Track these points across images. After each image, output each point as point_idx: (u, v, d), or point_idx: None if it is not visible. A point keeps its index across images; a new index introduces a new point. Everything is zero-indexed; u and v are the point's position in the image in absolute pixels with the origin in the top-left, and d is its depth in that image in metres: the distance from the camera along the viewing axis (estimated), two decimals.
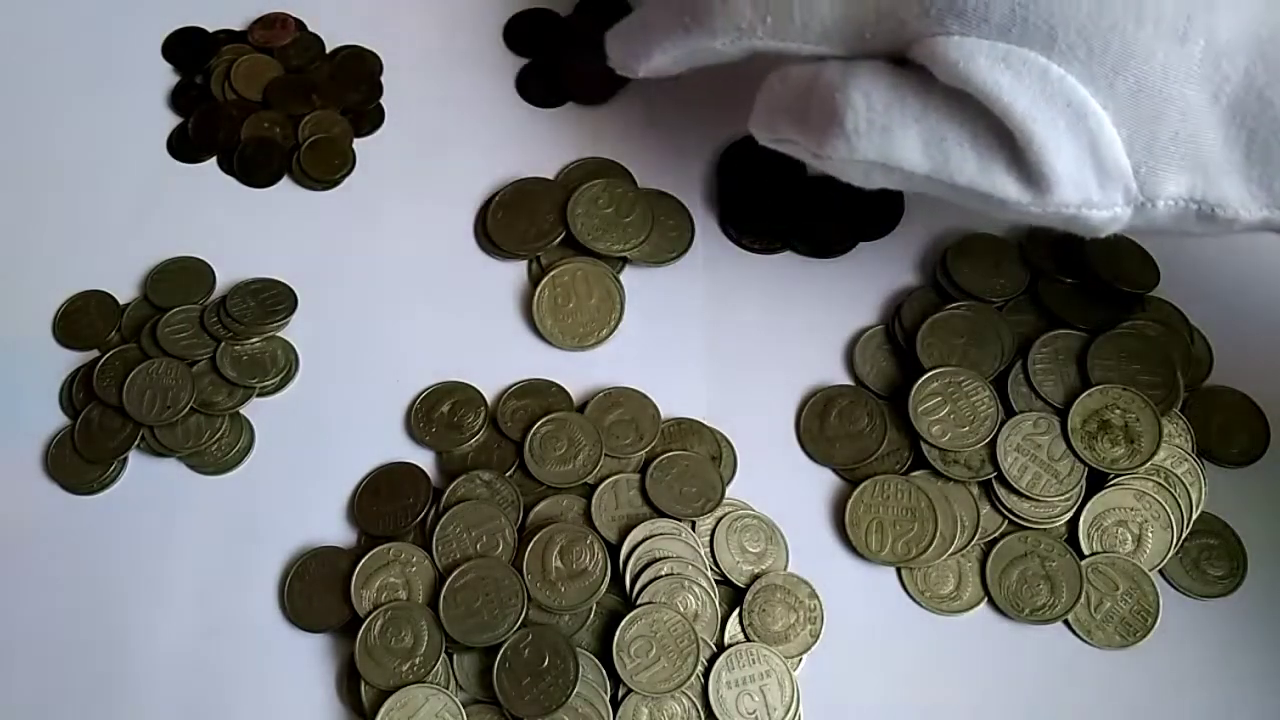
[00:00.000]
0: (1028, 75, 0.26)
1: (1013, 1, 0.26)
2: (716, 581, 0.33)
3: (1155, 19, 0.26)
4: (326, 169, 0.40)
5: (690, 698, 0.31)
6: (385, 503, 0.34)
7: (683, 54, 0.33)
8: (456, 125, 0.41)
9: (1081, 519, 0.33)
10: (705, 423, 0.35)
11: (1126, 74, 0.26)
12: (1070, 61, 0.26)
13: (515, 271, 0.38)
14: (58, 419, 0.36)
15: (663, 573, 0.32)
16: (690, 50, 0.32)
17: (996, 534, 0.33)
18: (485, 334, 0.37)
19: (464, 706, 0.31)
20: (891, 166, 0.29)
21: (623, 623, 0.31)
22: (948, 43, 0.27)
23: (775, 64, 0.32)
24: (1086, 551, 0.33)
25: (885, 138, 0.28)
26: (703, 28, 0.31)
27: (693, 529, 0.33)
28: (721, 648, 0.32)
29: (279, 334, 0.37)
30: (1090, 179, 0.27)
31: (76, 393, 0.36)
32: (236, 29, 0.43)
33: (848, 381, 0.36)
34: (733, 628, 0.32)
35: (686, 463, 0.34)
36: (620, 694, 0.31)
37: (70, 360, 0.37)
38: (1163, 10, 0.26)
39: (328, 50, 0.43)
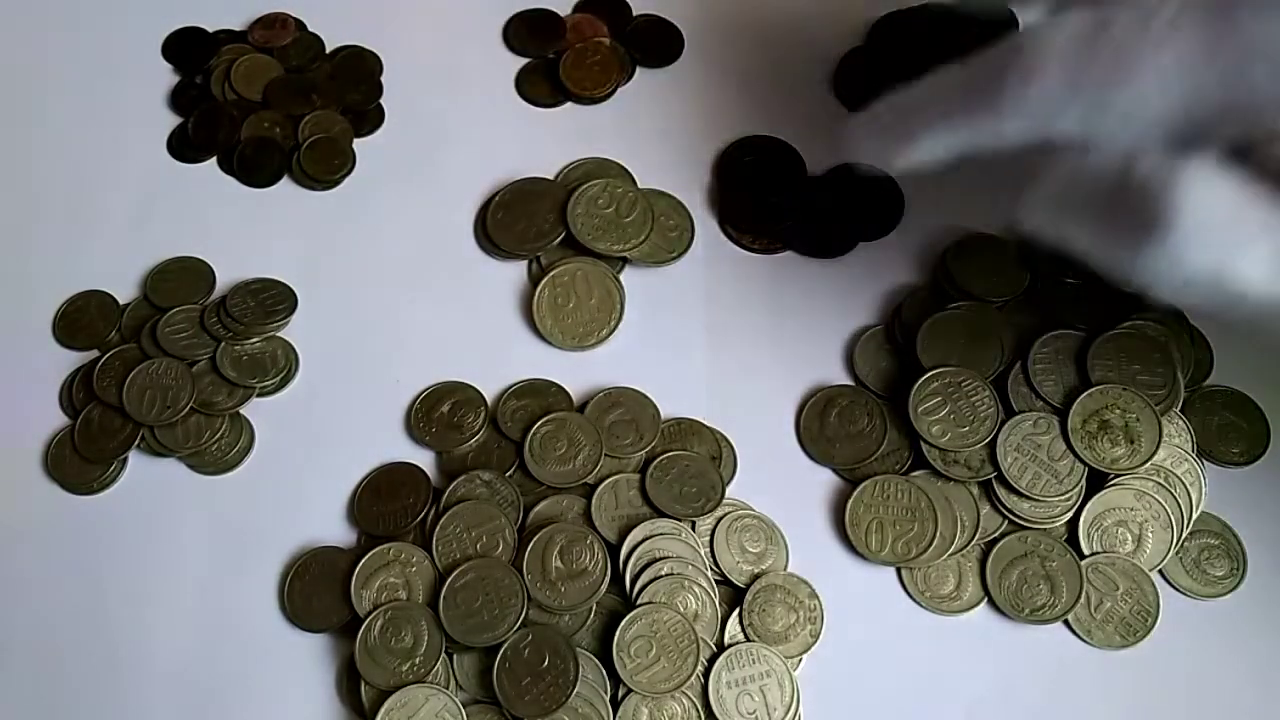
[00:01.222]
0: None
1: None
2: (716, 581, 0.33)
3: None
4: (326, 169, 0.40)
5: (690, 698, 0.31)
6: (385, 503, 0.34)
7: (958, 140, 0.28)
8: (456, 125, 0.41)
9: (1081, 519, 0.33)
10: (705, 423, 0.35)
11: None
12: None
13: (515, 271, 0.38)
14: (58, 419, 0.36)
15: (663, 573, 0.32)
16: (969, 136, 0.28)
17: (996, 534, 0.33)
18: (485, 334, 0.37)
19: (464, 706, 0.31)
20: (1224, 281, 0.24)
21: (623, 623, 0.31)
22: None
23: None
24: (1086, 551, 0.33)
25: (1220, 248, 0.24)
26: (989, 109, 0.26)
27: (693, 529, 0.33)
28: (721, 648, 0.32)
29: (279, 334, 0.37)
30: None
31: (76, 393, 0.36)
32: (236, 29, 0.43)
33: (848, 381, 0.36)
34: (733, 628, 0.32)
35: (686, 463, 0.34)
36: (620, 694, 0.31)
37: (70, 360, 0.37)
38: None
39: (328, 50, 0.43)
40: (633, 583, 0.32)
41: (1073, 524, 0.33)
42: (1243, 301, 0.24)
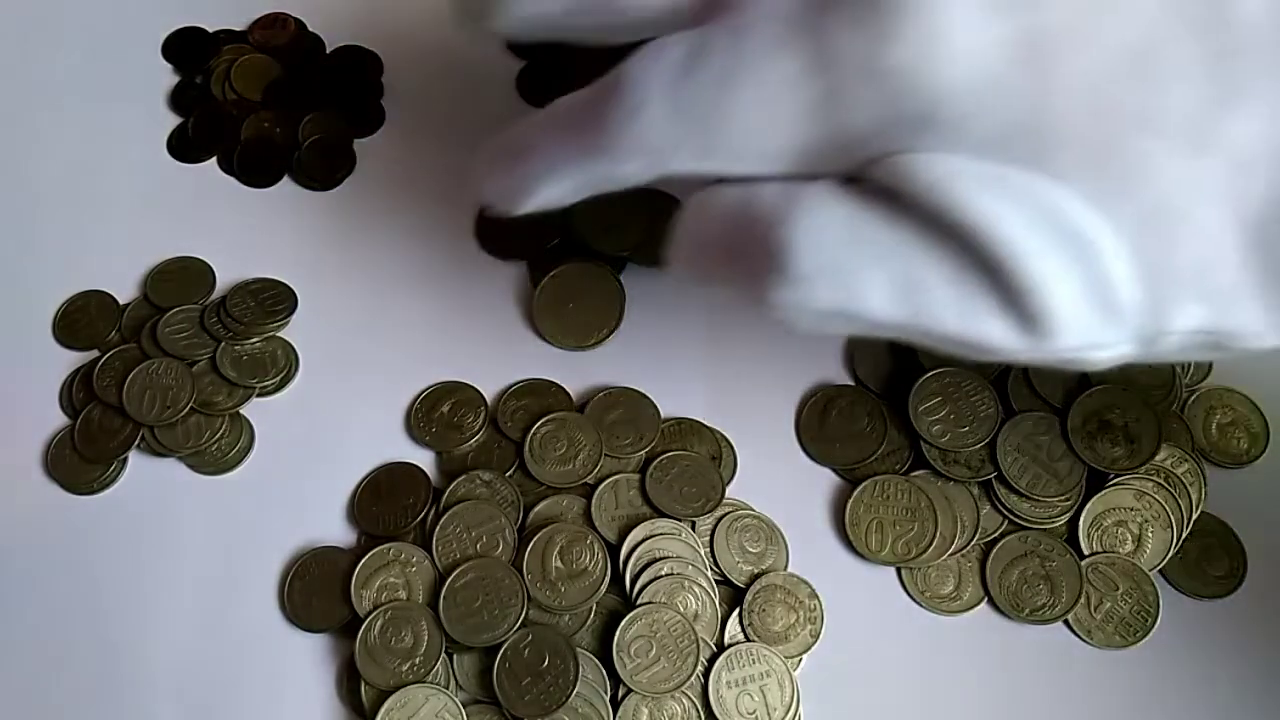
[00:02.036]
0: (1020, 200, 0.21)
1: (1000, 110, 0.21)
2: (716, 581, 0.33)
3: (1165, 130, 0.21)
4: (326, 169, 0.40)
5: (690, 698, 0.31)
6: (385, 503, 0.34)
7: (579, 183, 0.26)
8: (456, 125, 0.41)
9: (1081, 519, 0.33)
10: (705, 423, 0.35)
11: (1135, 194, 0.21)
12: (1068, 182, 0.21)
13: (515, 271, 0.38)
14: (58, 419, 0.36)
15: (663, 573, 0.32)
16: (588, 179, 0.26)
17: (996, 534, 0.33)
18: (485, 334, 0.37)
19: (464, 706, 0.31)
20: (852, 315, 0.23)
21: (623, 623, 0.31)
22: (918, 161, 0.22)
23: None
24: (1086, 551, 0.33)
25: (841, 282, 0.23)
26: (603, 152, 0.25)
27: (693, 529, 0.33)
28: (721, 648, 0.32)
29: (279, 334, 0.37)
30: (1094, 318, 0.22)
31: (76, 393, 0.36)
32: (236, 29, 0.43)
33: (848, 381, 0.36)
34: (733, 628, 0.32)
35: (686, 463, 0.34)
36: (620, 694, 0.31)
37: (70, 360, 0.37)
38: (1172, 119, 0.21)
39: (328, 50, 0.43)
40: (633, 583, 0.32)
41: (1073, 524, 0.33)
42: (879, 328, 0.23)
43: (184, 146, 0.41)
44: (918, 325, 0.23)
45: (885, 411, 0.35)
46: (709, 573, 0.33)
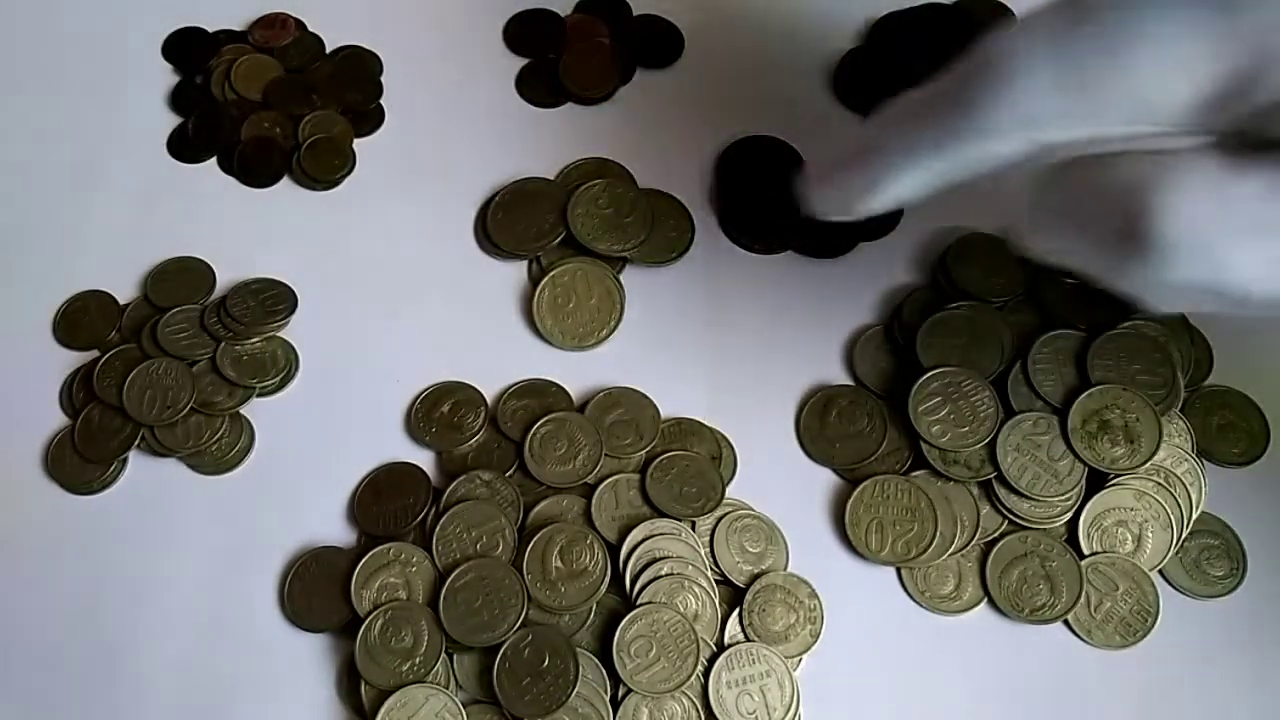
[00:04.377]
0: None
1: None
2: (716, 581, 0.33)
3: None
4: (326, 169, 0.40)
5: (690, 698, 0.31)
6: (385, 503, 0.34)
7: (936, 172, 0.25)
8: (456, 125, 0.41)
9: (1081, 519, 0.33)
10: (705, 423, 0.35)
11: None
12: None
13: (515, 271, 0.38)
14: (58, 419, 0.36)
15: (663, 573, 0.32)
16: (952, 165, 0.25)
17: (996, 534, 0.33)
18: (485, 334, 0.37)
19: (464, 706, 0.31)
20: (1221, 290, 0.22)
21: (623, 623, 0.31)
22: None
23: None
24: (1086, 551, 0.33)
25: (1209, 255, 0.21)
26: (973, 130, 0.23)
27: (693, 529, 0.33)
28: (721, 648, 0.32)
29: (279, 334, 0.37)
30: None
31: (76, 393, 0.36)
32: (236, 29, 0.43)
33: (848, 381, 0.36)
34: (733, 628, 0.32)
35: (686, 463, 0.34)
36: (620, 694, 0.31)
37: (70, 360, 0.37)
38: None
39: (328, 50, 0.43)
40: (633, 583, 0.32)
41: (1073, 524, 0.33)
42: (1246, 305, 0.22)
43: (184, 146, 0.41)
44: None
45: (885, 411, 0.35)
46: (709, 573, 0.33)
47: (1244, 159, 0.22)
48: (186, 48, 0.43)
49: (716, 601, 0.32)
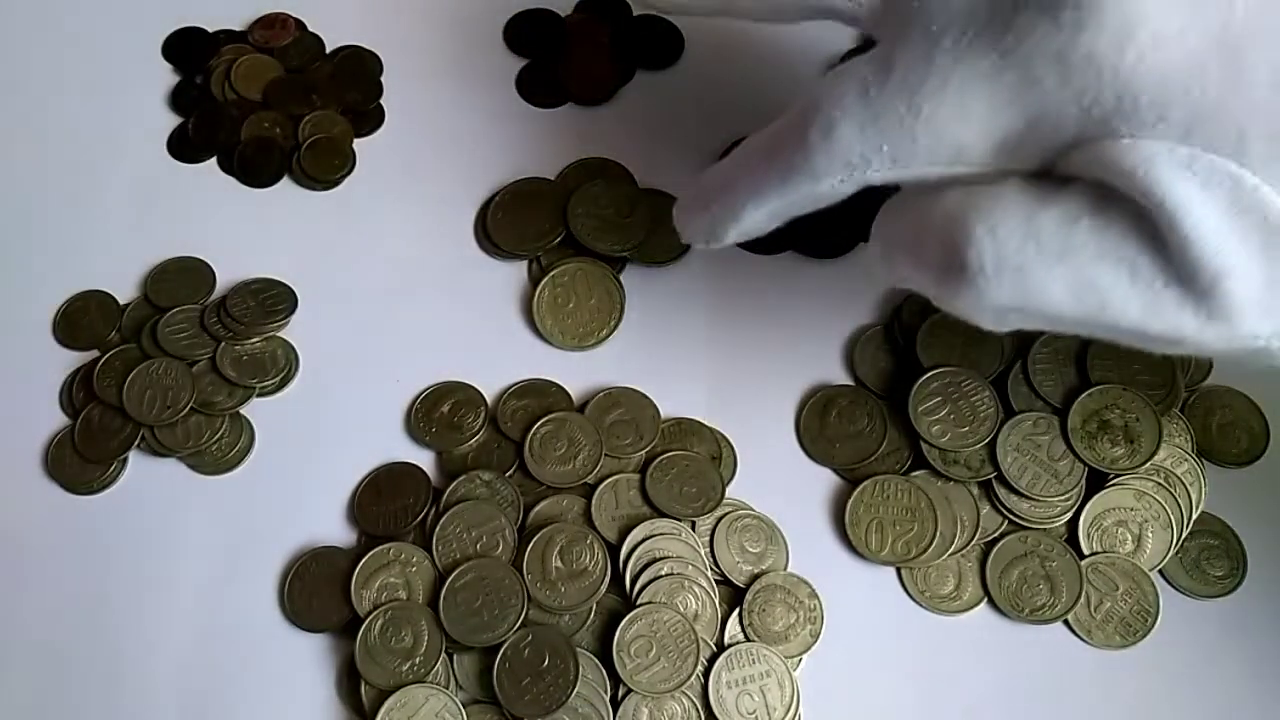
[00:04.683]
0: (1217, 185, 0.22)
1: (1194, 96, 0.22)
2: (716, 581, 0.33)
3: None
4: (326, 169, 0.40)
5: (690, 698, 0.31)
6: (385, 503, 0.34)
7: (780, 206, 0.28)
8: (456, 125, 0.41)
9: (1081, 519, 0.33)
10: (705, 423, 0.35)
11: None
12: (1263, 167, 0.22)
13: (515, 271, 0.38)
14: (58, 419, 0.36)
15: (663, 573, 0.32)
16: (789, 200, 0.27)
17: (996, 534, 0.33)
18: (485, 334, 0.37)
19: (464, 706, 0.31)
20: (1033, 311, 0.24)
21: (623, 623, 0.31)
22: (1119, 147, 0.22)
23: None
24: (1086, 551, 0.33)
25: (1021, 279, 0.23)
26: (801, 173, 0.26)
27: (693, 529, 0.33)
28: (721, 648, 0.32)
29: (279, 334, 0.37)
30: None
31: (76, 393, 0.36)
32: (236, 29, 0.43)
33: (848, 381, 0.36)
34: (733, 628, 0.32)
35: (686, 463, 0.34)
36: (620, 694, 0.31)
37: (70, 360, 0.37)
38: None
39: (328, 50, 0.43)
40: (633, 583, 0.32)
41: (1073, 524, 0.33)
42: (1060, 323, 0.24)
43: (184, 146, 0.41)
44: (1100, 319, 0.23)
45: (885, 411, 0.35)
46: (709, 573, 0.33)
47: (1048, 191, 0.24)
48: (186, 48, 0.43)
49: (716, 601, 0.32)
